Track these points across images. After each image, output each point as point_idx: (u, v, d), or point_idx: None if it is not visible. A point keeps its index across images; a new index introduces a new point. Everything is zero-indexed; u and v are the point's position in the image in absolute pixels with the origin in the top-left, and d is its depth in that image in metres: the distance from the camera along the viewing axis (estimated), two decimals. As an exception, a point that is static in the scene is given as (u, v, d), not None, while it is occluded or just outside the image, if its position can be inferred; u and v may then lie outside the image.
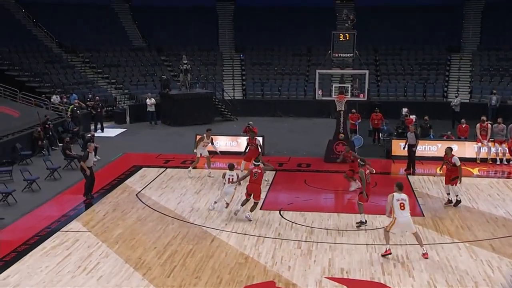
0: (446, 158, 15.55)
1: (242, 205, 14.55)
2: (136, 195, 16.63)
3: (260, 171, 14.51)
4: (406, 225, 11.81)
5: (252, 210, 14.37)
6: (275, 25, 38.10)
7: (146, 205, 15.68)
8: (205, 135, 18.72)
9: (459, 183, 15.38)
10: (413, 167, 19.25)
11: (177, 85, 30.26)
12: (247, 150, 18.17)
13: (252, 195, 14.43)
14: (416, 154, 19.57)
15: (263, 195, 15.39)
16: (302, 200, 16.30)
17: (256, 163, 14.83)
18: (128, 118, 29.45)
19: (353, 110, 23.60)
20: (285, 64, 35.92)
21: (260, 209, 15.16)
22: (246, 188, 14.69)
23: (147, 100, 28.72)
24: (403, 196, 11.87)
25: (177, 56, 34.15)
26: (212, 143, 18.82)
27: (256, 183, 14.44)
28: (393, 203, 11.77)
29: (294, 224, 14.09)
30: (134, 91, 32.44)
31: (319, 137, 23.39)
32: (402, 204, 11.70)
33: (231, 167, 14.87)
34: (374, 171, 14.41)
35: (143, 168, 19.55)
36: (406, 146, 19.36)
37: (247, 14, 39.39)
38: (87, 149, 16.48)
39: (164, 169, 19.60)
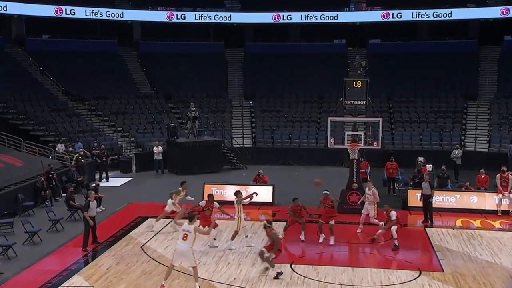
0: None
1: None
2: (141, 247, 15.94)
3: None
4: (180, 254, 12.33)
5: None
6: (285, 71, 38.03)
7: (151, 258, 14.99)
8: (180, 188, 17.87)
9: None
10: (430, 219, 18.41)
11: (184, 133, 29.81)
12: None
13: None
14: (434, 205, 18.72)
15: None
16: (315, 253, 15.54)
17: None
18: (134, 167, 28.72)
19: (362, 159, 22.89)
20: (295, 111, 35.54)
21: (270, 262, 14.51)
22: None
23: (154, 148, 28.16)
24: (190, 228, 12.37)
25: (185, 103, 33.95)
26: (186, 195, 17.92)
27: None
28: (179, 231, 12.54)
29: (306, 278, 13.33)
30: (141, 139, 31.93)
31: (331, 186, 22.48)
32: (185, 235, 12.33)
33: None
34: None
35: (149, 219, 18.80)
36: (422, 197, 18.58)
37: (257, 61, 39.42)
38: (88, 198, 15.90)
39: (171, 219, 18.83)
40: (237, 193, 16.38)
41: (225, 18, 40.06)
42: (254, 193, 17.04)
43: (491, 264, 14.43)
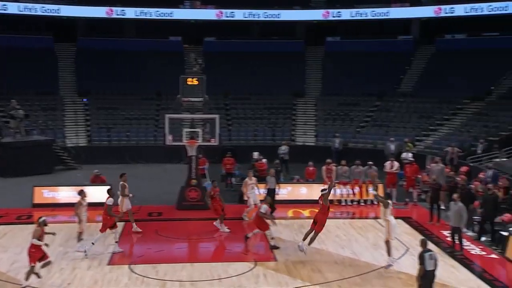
0: None
1: None
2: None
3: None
4: None
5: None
6: (122, 68, 37.12)
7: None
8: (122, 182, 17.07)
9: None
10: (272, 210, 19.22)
11: (10, 132, 27.66)
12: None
13: None
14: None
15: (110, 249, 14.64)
16: (154, 252, 15.46)
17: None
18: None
19: (200, 155, 23.27)
20: (133, 109, 34.89)
21: (107, 264, 14.20)
22: None
23: (-24, 149, 25.81)
24: None
25: (9, 101, 31.45)
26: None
27: None
28: None
29: (145, 278, 13.19)
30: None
31: (170, 184, 22.68)
32: None
33: None
34: None
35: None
36: (266, 190, 19.31)
37: (90, 57, 37.86)
38: None
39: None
40: (81, 193, 15.69)
41: (53, 11, 37.85)
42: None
43: (318, 251, 15.43)
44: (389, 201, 14.22)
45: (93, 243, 14.93)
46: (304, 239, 14.84)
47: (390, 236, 13.99)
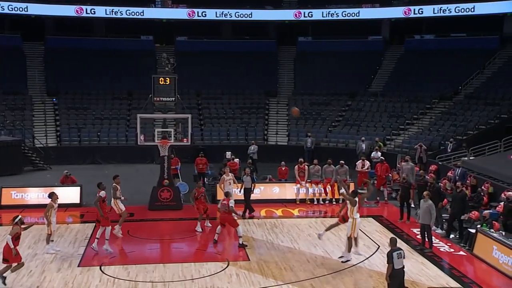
0: None
1: None
2: None
3: None
4: None
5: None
6: (92, 67, 36.67)
7: None
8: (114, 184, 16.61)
9: None
10: (250, 210, 19.32)
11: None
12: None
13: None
14: (238, 198, 19.64)
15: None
16: (126, 252, 15.37)
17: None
18: None
19: (172, 155, 23.17)
20: (104, 108, 34.53)
21: (78, 266, 14.01)
22: None
23: None
24: None
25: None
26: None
27: None
28: None
29: (116, 279, 13.08)
30: None
31: (142, 184, 22.51)
32: None
33: None
34: None
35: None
36: (242, 189, 19.38)
37: (60, 56, 37.32)
38: None
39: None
40: (51, 195, 15.37)
41: (21, 9, 37.14)
42: None
43: (291, 250, 15.54)
44: (356, 199, 14.28)
45: (107, 240, 15.17)
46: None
47: (354, 233, 14.14)
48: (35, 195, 20.12)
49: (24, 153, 27.69)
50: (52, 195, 15.30)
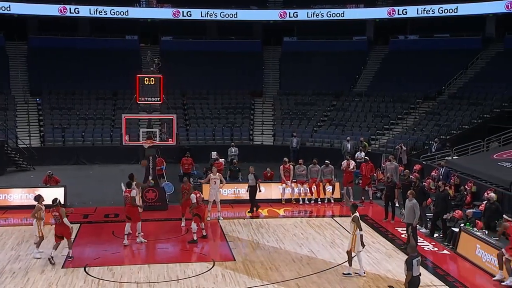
0: None
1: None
2: None
3: None
4: None
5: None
6: (76, 67, 36.35)
7: None
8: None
9: None
10: (257, 207, 19.45)
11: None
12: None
13: None
14: (224, 198, 19.83)
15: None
16: (110, 253, 15.26)
17: None
18: None
19: (157, 155, 23.08)
20: (88, 109, 34.25)
21: (62, 267, 13.91)
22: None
23: None
24: None
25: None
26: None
27: None
28: None
29: (101, 280, 13.01)
30: None
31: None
32: None
33: None
34: None
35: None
36: (248, 188, 19.52)
37: (43, 55, 37.00)
38: None
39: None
40: (38, 198, 15.25)
41: (3, 8, 36.72)
42: None
43: (276, 250, 15.57)
44: (357, 214, 13.87)
45: (139, 233, 15.87)
46: None
47: (353, 248, 13.52)
48: (18, 196, 19.93)
49: (7, 154, 27.42)
50: (39, 198, 15.13)
